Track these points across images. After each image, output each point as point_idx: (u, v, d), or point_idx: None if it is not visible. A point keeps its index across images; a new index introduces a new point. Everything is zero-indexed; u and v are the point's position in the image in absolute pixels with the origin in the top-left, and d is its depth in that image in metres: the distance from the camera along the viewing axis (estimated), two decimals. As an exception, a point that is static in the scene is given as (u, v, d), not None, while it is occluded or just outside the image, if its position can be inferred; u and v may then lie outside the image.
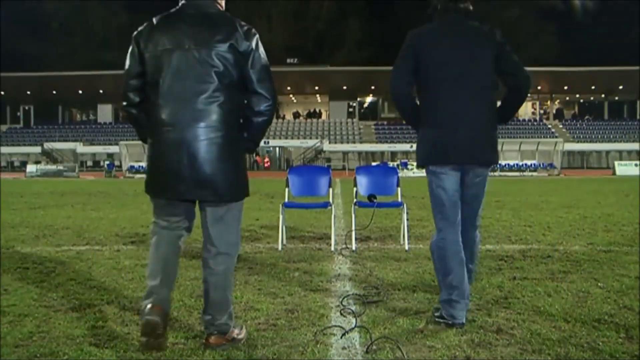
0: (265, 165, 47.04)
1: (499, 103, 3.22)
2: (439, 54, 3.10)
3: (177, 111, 2.52)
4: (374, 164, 36.44)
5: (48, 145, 49.29)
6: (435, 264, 3.14)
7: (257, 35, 2.62)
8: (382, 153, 46.97)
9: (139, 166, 36.41)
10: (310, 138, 49.85)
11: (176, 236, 2.74)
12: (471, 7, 3.24)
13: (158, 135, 2.57)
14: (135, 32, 2.64)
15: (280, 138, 49.90)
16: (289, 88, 51.33)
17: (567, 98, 57.87)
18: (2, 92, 51.74)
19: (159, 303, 2.58)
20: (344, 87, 52.44)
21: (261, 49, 2.62)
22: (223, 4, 2.75)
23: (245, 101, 2.65)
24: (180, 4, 2.67)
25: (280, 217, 5.57)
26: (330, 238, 5.72)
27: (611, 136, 49.35)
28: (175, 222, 2.73)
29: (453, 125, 3.05)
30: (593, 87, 52.99)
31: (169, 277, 2.68)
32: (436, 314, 3.08)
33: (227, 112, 2.56)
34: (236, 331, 2.71)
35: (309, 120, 55.59)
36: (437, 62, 3.09)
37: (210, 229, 2.69)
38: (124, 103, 2.71)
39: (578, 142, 48.44)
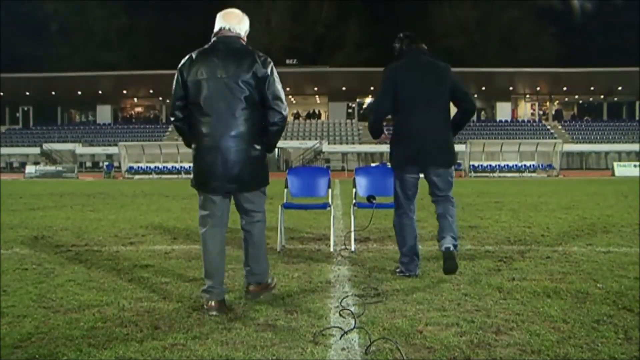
0: None
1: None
2: (411, 83, 4.07)
3: (213, 125, 3.25)
4: (373, 164, 36.44)
5: (47, 146, 49.28)
6: (396, 236, 4.31)
7: (272, 63, 3.32)
8: (382, 154, 46.97)
9: (138, 167, 36.43)
10: (310, 139, 49.88)
11: (221, 234, 3.45)
12: (425, 47, 4.24)
13: (199, 143, 3.32)
14: (179, 65, 3.35)
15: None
16: (288, 89, 51.22)
17: (566, 99, 57.95)
18: (1, 93, 51.72)
19: (219, 297, 3.28)
20: (343, 88, 52.49)
21: (275, 74, 3.32)
22: (245, 39, 3.45)
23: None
24: (212, 41, 3.39)
25: (279, 218, 5.57)
26: (329, 239, 5.72)
27: (610, 137, 49.40)
28: (217, 217, 3.42)
29: (420, 137, 4.03)
30: (592, 88, 53.06)
31: (222, 272, 3.40)
32: (397, 270, 4.29)
33: (251, 125, 3.28)
34: (269, 280, 3.55)
35: (308, 121, 55.63)
36: (410, 90, 4.05)
37: (245, 206, 3.46)
38: (172, 118, 3.45)
39: (577, 143, 48.49)
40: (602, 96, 55.83)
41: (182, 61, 3.36)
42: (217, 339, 2.76)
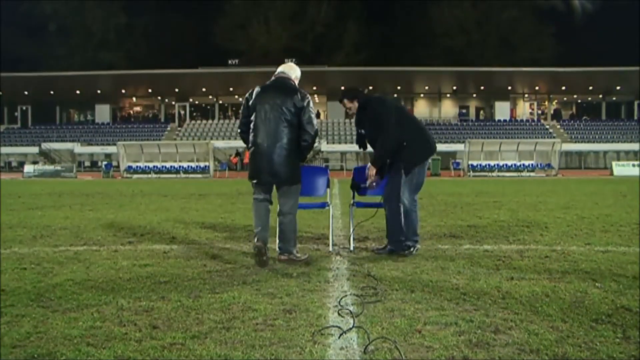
0: (234, 161, 45.20)
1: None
2: (404, 111, 5.59)
3: (263, 137, 4.68)
4: (372, 164, 36.17)
5: (46, 146, 49.18)
6: (404, 221, 5.06)
7: (309, 98, 4.77)
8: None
9: (137, 166, 36.37)
10: (308, 138, 49.73)
11: (265, 204, 4.88)
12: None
13: (253, 149, 4.75)
14: (247, 94, 4.84)
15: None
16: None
17: (565, 98, 57.93)
18: (0, 93, 51.62)
19: (263, 239, 4.66)
20: (342, 88, 52.35)
21: (310, 106, 4.73)
22: (296, 82, 4.91)
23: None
24: (272, 79, 4.87)
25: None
26: (328, 238, 5.72)
27: (609, 137, 49.40)
28: (263, 195, 4.86)
29: (426, 139, 5.24)
30: (591, 88, 53.06)
31: (265, 225, 4.80)
32: (408, 251, 5.05)
33: (289, 139, 4.67)
34: (298, 255, 4.81)
35: (307, 120, 55.44)
36: (406, 114, 5.44)
37: (280, 199, 4.82)
38: (239, 130, 4.98)
39: (576, 142, 48.46)
40: (600, 96, 55.83)
41: (250, 91, 4.84)
42: (216, 338, 2.76)
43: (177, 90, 53.91)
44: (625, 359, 2.51)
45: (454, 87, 55.30)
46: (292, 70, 4.96)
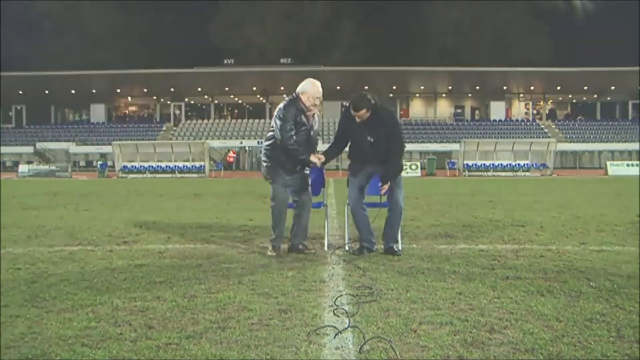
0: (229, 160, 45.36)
1: None
2: None
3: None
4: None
5: (40, 145, 48.96)
6: (396, 223, 5.34)
7: (282, 105, 5.25)
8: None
9: (132, 166, 36.26)
10: (304, 138, 49.62)
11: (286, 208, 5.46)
12: None
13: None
14: None
15: (273, 138, 49.60)
16: (282, 88, 51.18)
17: (560, 98, 58.05)
18: (-5, 92, 51.34)
19: (294, 241, 5.35)
20: (338, 87, 52.47)
21: (280, 113, 5.16)
22: (302, 96, 5.27)
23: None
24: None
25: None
26: (323, 238, 5.72)
27: (603, 136, 49.57)
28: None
29: None
30: (586, 88, 53.22)
31: (286, 227, 5.36)
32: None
33: (268, 143, 5.32)
34: (309, 246, 5.33)
35: (303, 120, 55.36)
36: None
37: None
38: None
39: (571, 142, 48.61)
40: (595, 96, 56.02)
41: None
42: (211, 338, 2.76)
43: (172, 89, 53.75)
44: (619, 358, 2.52)
45: (450, 87, 55.36)
46: (301, 85, 5.38)
